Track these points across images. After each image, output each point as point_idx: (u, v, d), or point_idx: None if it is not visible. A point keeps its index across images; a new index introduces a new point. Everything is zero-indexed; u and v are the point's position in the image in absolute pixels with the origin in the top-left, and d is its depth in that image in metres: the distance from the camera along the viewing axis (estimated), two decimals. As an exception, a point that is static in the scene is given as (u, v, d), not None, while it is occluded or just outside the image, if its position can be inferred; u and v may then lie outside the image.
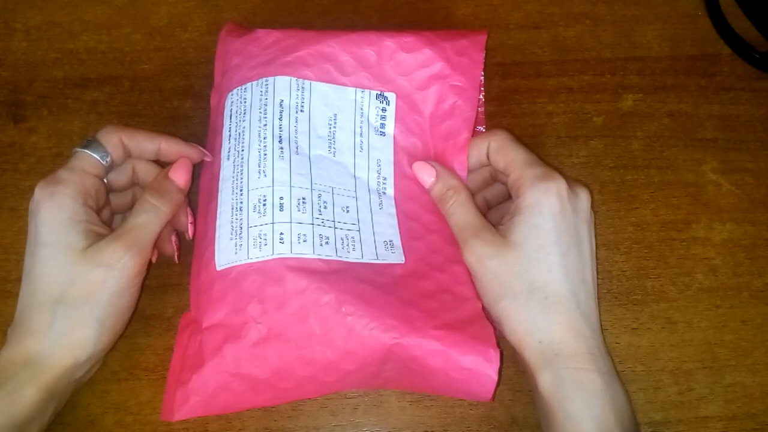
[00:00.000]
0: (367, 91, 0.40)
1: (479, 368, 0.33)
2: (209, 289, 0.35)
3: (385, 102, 0.39)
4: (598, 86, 0.46)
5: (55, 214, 0.34)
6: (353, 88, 0.40)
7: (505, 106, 0.45)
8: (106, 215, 0.38)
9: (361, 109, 0.39)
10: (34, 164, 0.43)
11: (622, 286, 0.41)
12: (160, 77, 0.45)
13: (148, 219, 0.35)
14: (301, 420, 0.38)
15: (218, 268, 0.35)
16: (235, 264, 0.35)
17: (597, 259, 0.37)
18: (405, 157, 0.40)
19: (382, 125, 0.40)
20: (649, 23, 0.47)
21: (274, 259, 0.34)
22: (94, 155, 0.36)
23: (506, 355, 0.35)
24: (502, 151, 0.37)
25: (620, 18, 0.47)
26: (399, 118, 0.40)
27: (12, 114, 0.44)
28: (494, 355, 0.33)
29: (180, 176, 0.37)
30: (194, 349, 0.35)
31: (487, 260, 0.34)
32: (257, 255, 0.34)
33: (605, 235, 0.42)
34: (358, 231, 0.37)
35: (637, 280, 0.41)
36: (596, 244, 0.36)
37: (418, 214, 0.39)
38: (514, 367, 0.38)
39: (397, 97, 0.40)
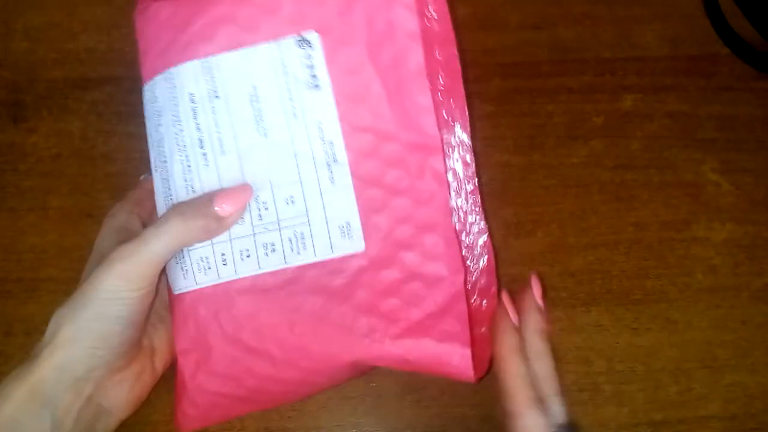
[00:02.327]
0: (281, 41, 0.32)
1: (450, 369, 0.33)
2: (173, 312, 0.34)
3: (307, 46, 0.32)
4: (598, 86, 0.46)
5: (106, 224, 0.35)
6: (264, 45, 0.32)
7: (505, 106, 0.45)
8: None
9: (283, 65, 0.33)
10: (34, 164, 0.43)
11: (622, 286, 0.41)
12: (160, 77, 0.45)
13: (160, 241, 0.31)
14: (301, 420, 0.38)
15: (174, 292, 0.33)
16: (187, 290, 0.33)
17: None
18: (351, 105, 0.33)
19: (313, 76, 0.33)
20: (648, 23, 0.47)
21: (221, 283, 0.32)
22: None
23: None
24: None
25: (620, 18, 0.47)
26: (330, 60, 0.33)
27: (12, 114, 0.44)
28: (464, 356, 0.32)
29: (226, 202, 0.31)
30: (178, 370, 0.34)
31: None
32: (204, 280, 0.32)
33: (605, 235, 0.42)
34: (308, 223, 0.33)
35: (637, 280, 0.41)
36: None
37: (380, 173, 0.33)
38: (514, 367, 0.39)
39: (319, 35, 0.33)
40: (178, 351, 0.33)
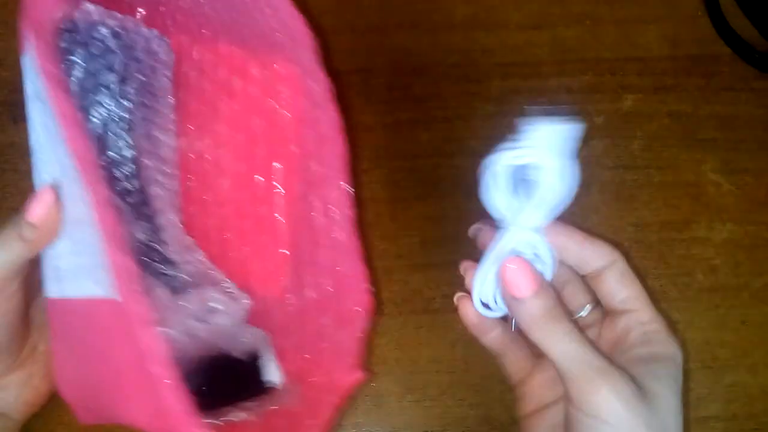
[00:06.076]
0: None
1: None
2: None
3: None
4: (598, 86, 0.45)
5: None
6: None
7: (505, 106, 0.45)
8: None
9: None
10: (34, 164, 0.43)
11: (622, 286, 0.41)
12: (160, 77, 0.45)
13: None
14: (301, 420, 0.38)
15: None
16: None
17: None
18: None
19: None
20: (649, 23, 0.47)
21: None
22: None
23: (506, 355, 0.35)
24: (626, 283, 0.32)
25: (620, 18, 0.47)
26: None
27: (12, 114, 0.44)
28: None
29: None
30: None
31: (624, 413, 0.27)
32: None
33: (605, 235, 0.42)
34: None
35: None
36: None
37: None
38: (514, 367, 0.38)
39: None
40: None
